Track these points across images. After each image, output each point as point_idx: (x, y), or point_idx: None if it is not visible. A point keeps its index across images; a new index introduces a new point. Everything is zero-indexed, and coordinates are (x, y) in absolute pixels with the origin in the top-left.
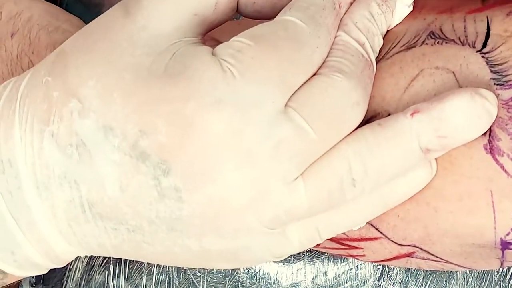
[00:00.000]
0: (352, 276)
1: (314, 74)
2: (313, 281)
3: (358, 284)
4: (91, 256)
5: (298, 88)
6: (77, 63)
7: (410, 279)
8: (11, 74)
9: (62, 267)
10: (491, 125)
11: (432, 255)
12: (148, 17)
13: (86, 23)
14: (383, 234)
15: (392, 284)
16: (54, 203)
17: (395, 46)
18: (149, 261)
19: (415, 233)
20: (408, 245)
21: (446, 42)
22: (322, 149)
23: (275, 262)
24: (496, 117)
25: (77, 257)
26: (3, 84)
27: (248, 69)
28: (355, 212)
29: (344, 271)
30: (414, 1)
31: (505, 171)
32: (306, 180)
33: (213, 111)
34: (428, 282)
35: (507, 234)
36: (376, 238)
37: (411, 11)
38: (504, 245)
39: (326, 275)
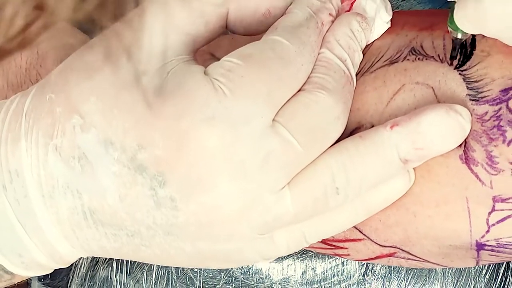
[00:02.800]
0: (339, 271)
1: (300, 89)
2: (302, 276)
3: (344, 279)
4: None
5: (285, 103)
6: (78, 80)
7: (392, 274)
8: (20, 86)
9: None
10: (467, 137)
11: (412, 255)
12: (143, 37)
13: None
14: (366, 236)
15: (376, 279)
16: (58, 210)
17: (378, 60)
18: (147, 262)
19: (395, 235)
20: (390, 246)
21: (426, 59)
22: (307, 160)
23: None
24: (471, 130)
25: None
26: (10, 99)
27: (238, 87)
28: (340, 218)
29: (331, 267)
30: (392, 19)
31: (480, 180)
32: (292, 189)
33: (206, 127)
34: (409, 277)
35: (482, 237)
36: (359, 240)
37: (392, 27)
38: (479, 246)
39: (314, 271)
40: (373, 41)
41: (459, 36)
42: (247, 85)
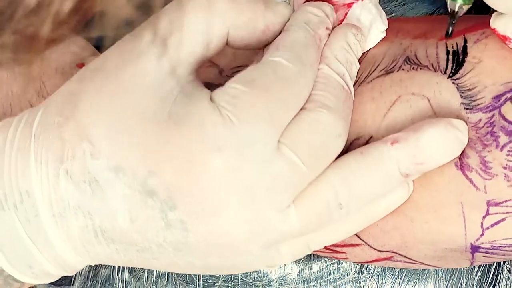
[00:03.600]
0: (335, 269)
1: (302, 107)
2: (299, 274)
3: (339, 277)
4: None
5: (289, 123)
6: (86, 105)
7: (387, 272)
8: (25, 94)
9: None
10: None
11: (408, 258)
12: (148, 61)
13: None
14: (364, 241)
15: (370, 277)
16: (69, 228)
17: (374, 70)
18: (154, 269)
19: (392, 240)
20: (387, 251)
21: (420, 68)
22: (310, 178)
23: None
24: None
25: None
26: (17, 117)
27: (244, 114)
28: (342, 229)
29: (327, 265)
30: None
31: (474, 186)
32: (297, 206)
33: (215, 155)
34: (403, 275)
35: (477, 240)
36: (357, 245)
37: (387, 34)
38: (474, 248)
39: (311, 269)
40: (369, 49)
41: (457, 7)
42: (252, 112)
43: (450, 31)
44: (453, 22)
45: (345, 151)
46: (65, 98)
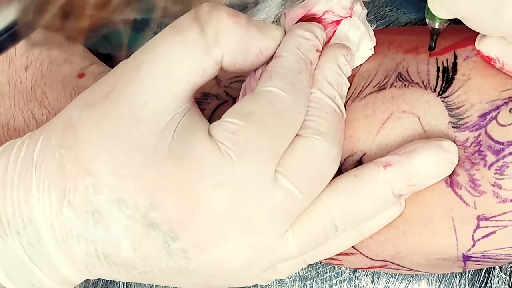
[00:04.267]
0: (330, 268)
1: (296, 134)
2: (296, 273)
3: (335, 275)
4: None
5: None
6: (87, 138)
7: (381, 271)
8: (27, 104)
9: None
10: None
11: (402, 266)
12: (147, 92)
13: (91, 48)
14: (358, 251)
15: (365, 275)
16: (72, 253)
17: (367, 85)
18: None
19: (386, 251)
20: (381, 260)
21: (411, 85)
22: (307, 204)
23: None
24: None
25: None
26: (16, 144)
27: (243, 150)
28: (337, 245)
29: (323, 264)
30: (378, 38)
31: (464, 202)
32: (295, 231)
33: (215, 191)
34: (397, 274)
35: (468, 250)
36: (352, 254)
37: (379, 47)
38: (466, 258)
39: (307, 267)
40: (362, 64)
41: (436, 26)
42: (251, 147)
43: (433, 45)
44: (435, 38)
45: (339, 167)
46: (66, 127)
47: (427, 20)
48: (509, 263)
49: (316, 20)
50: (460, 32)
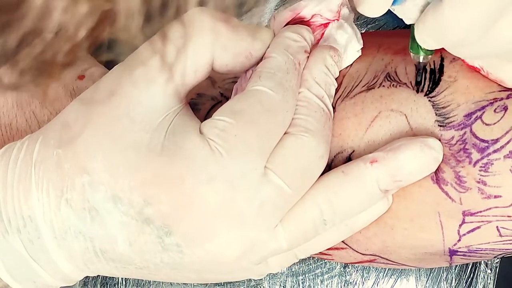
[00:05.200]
0: (322, 264)
1: (285, 132)
2: (288, 269)
3: (326, 271)
4: None
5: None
6: (83, 138)
7: (371, 267)
8: (29, 105)
9: None
10: None
11: (390, 261)
12: (141, 92)
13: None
14: (348, 246)
15: (355, 270)
16: (71, 249)
17: (357, 85)
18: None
19: (375, 245)
20: (370, 254)
21: (399, 85)
22: (296, 199)
23: None
24: None
25: None
26: (17, 146)
27: (233, 147)
28: (327, 239)
29: (314, 260)
30: (368, 40)
31: (450, 198)
32: (285, 226)
33: (207, 187)
34: (387, 269)
35: (454, 245)
36: (342, 248)
37: (369, 49)
38: (452, 252)
39: (299, 263)
40: (352, 63)
41: (421, 59)
42: (240, 143)
43: (420, 80)
44: (421, 72)
45: (329, 164)
46: (63, 128)
47: (412, 55)
48: (494, 257)
49: (304, 23)
50: None
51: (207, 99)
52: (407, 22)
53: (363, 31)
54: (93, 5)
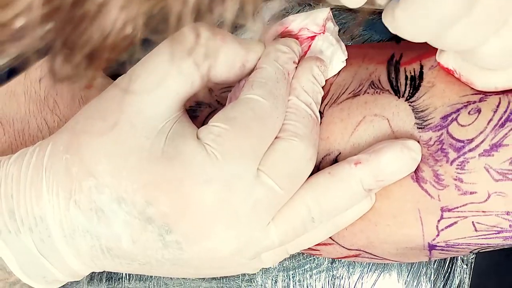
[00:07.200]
0: (311, 260)
1: (276, 136)
2: (280, 264)
3: (315, 266)
4: None
5: (265, 151)
6: (89, 144)
7: (356, 262)
8: (40, 112)
9: None
10: None
11: (374, 255)
12: (143, 101)
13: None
14: (335, 242)
15: (342, 266)
16: (79, 247)
17: (344, 92)
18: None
19: (360, 241)
20: (355, 249)
21: (382, 92)
22: (286, 199)
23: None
24: None
25: None
26: (29, 151)
27: (227, 151)
28: (315, 236)
29: (304, 256)
30: (354, 51)
31: (429, 195)
32: (276, 224)
33: (204, 188)
34: (371, 265)
35: (433, 240)
36: (329, 244)
37: (355, 59)
38: (431, 247)
39: (290, 259)
40: (339, 73)
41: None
42: (234, 148)
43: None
44: None
45: (317, 165)
46: (71, 135)
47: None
48: (470, 252)
49: (292, 36)
50: (425, 44)
51: (205, 106)
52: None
53: (349, 44)
54: (147, 4)
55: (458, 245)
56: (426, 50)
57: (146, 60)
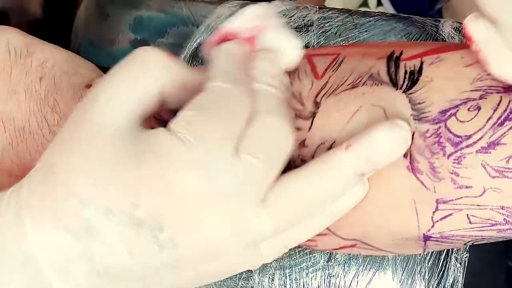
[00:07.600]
0: (307, 258)
1: (250, 117)
2: (277, 262)
3: (311, 265)
4: None
5: (242, 131)
6: (63, 166)
7: (351, 261)
8: (40, 110)
9: None
10: (412, 151)
11: (370, 245)
12: (105, 113)
13: (97, 63)
14: (331, 232)
15: (338, 264)
16: (75, 280)
17: (342, 84)
18: None
19: (356, 231)
20: (351, 239)
21: (381, 84)
22: (271, 174)
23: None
24: (415, 144)
25: None
26: (6, 195)
27: (200, 134)
28: (311, 227)
29: (300, 254)
30: (354, 49)
31: (424, 186)
32: (268, 209)
33: (184, 174)
34: (366, 263)
35: (428, 231)
36: (326, 234)
37: (355, 56)
38: (426, 238)
39: (286, 257)
40: (341, 65)
41: None
42: (207, 129)
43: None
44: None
45: (312, 154)
46: (44, 167)
47: None
48: (464, 245)
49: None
50: (428, 45)
51: None
52: None
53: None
54: None
55: (452, 236)
56: (428, 49)
57: (107, 78)
